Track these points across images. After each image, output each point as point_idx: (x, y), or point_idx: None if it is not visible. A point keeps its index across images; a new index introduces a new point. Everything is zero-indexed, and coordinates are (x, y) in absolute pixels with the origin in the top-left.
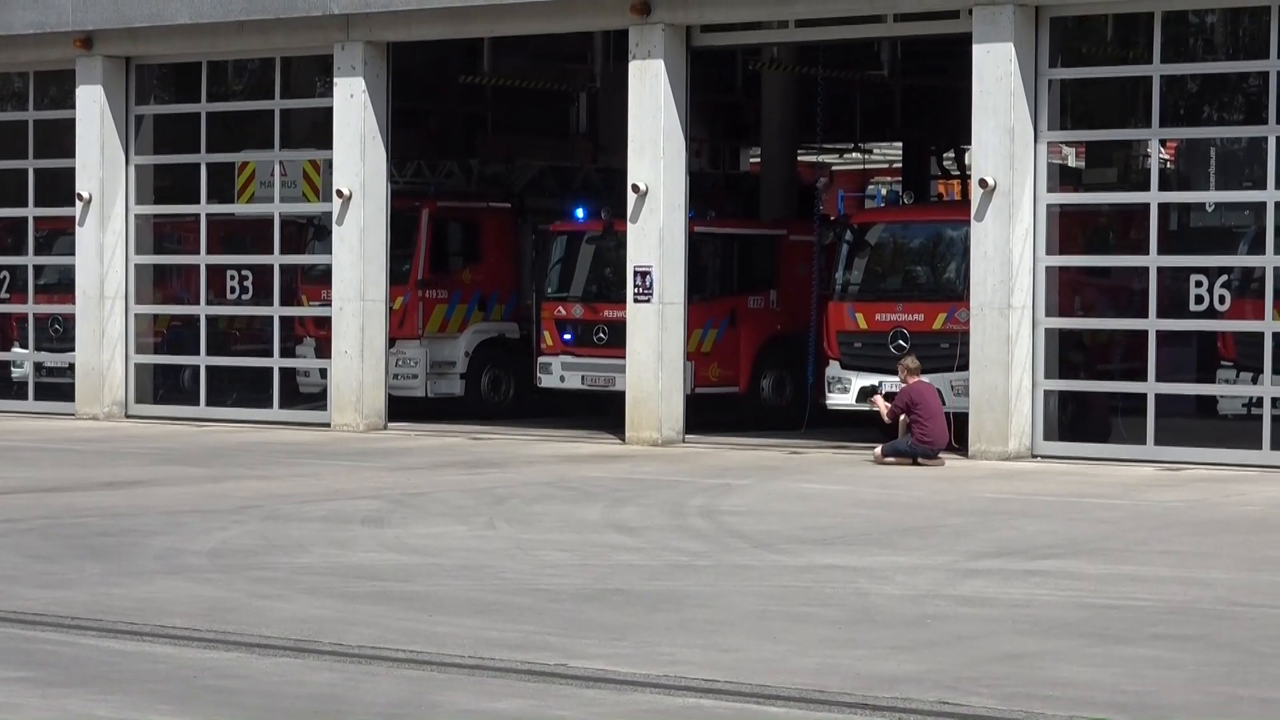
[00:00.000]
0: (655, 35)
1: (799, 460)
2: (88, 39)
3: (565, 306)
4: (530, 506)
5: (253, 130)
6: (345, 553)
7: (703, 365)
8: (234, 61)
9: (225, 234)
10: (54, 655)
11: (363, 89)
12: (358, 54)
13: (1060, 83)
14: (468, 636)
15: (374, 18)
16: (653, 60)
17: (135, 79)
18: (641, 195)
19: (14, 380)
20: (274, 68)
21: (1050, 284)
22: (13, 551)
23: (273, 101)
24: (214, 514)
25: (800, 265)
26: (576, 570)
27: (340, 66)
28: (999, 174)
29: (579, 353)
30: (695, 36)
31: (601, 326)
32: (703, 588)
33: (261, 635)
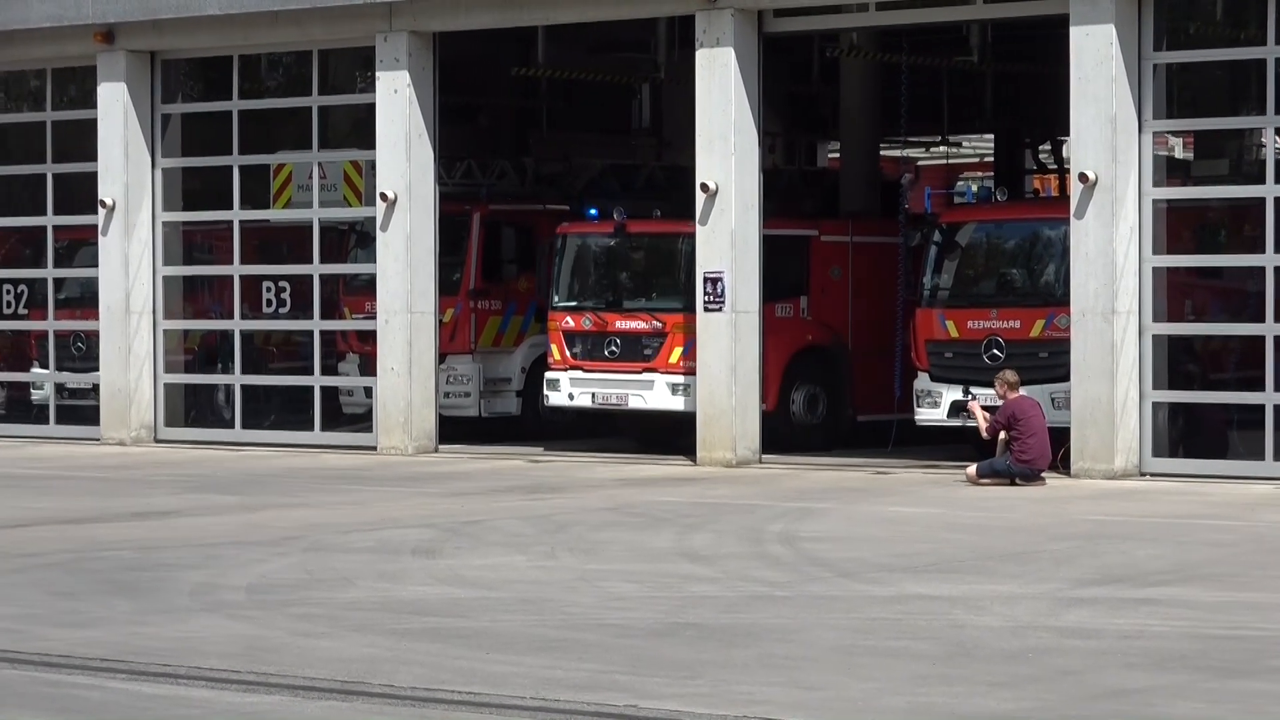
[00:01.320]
0: (724, 21)
1: (885, 481)
2: (109, 32)
3: (574, 317)
4: (594, 534)
5: (289, 130)
6: (395, 586)
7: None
8: (267, 55)
9: (260, 242)
10: (81, 700)
11: (407, 83)
12: (401, 45)
13: (1165, 67)
14: (529, 676)
15: (419, 5)
16: (722, 48)
17: (161, 75)
18: (711, 195)
19: (34, 403)
20: (311, 61)
21: (1158, 286)
22: (36, 588)
23: (310, 98)
24: (252, 546)
25: (834, 268)
26: (646, 603)
27: (383, 59)
28: (1100, 167)
29: (589, 367)
30: (768, 22)
31: (614, 339)
32: (783, 621)
33: (306, 677)
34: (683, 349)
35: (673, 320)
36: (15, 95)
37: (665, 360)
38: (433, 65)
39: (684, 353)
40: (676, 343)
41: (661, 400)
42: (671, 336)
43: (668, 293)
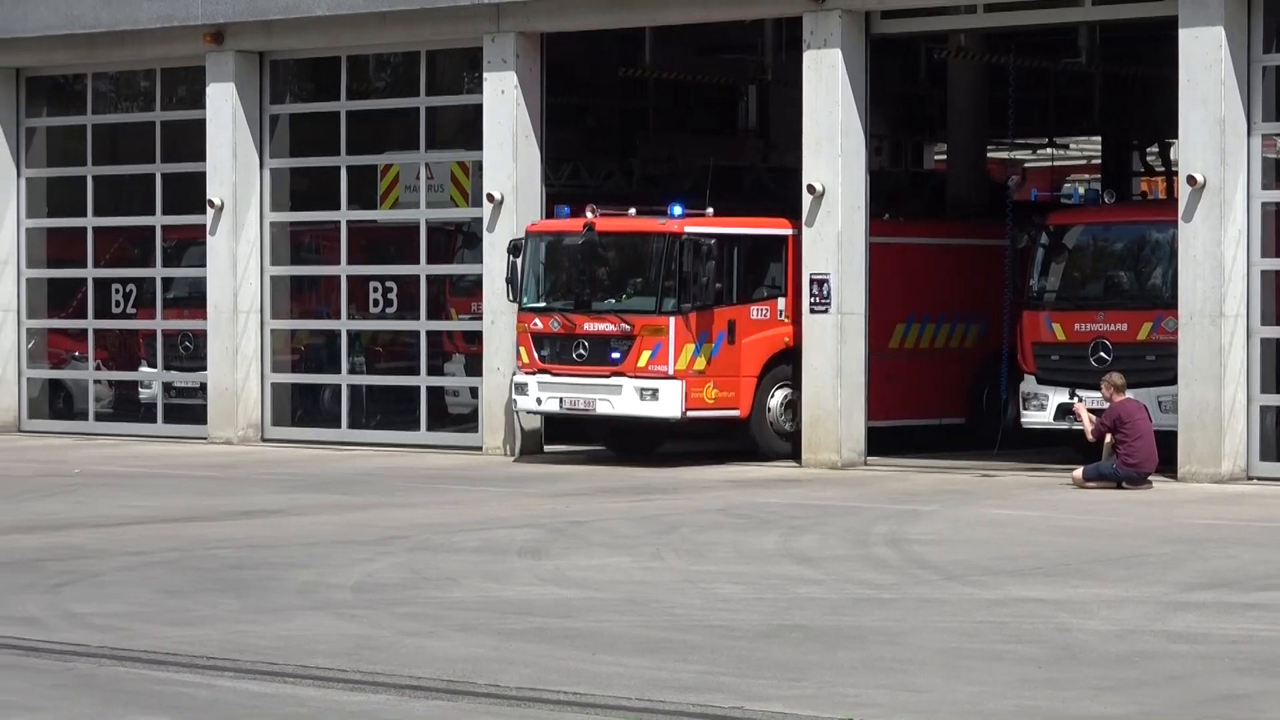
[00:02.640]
0: (832, 22)
1: (991, 484)
2: (219, 33)
3: (542, 318)
4: (700, 535)
5: (396, 130)
6: (500, 586)
7: (695, 385)
8: (375, 56)
9: (367, 242)
10: (189, 698)
11: (514, 84)
12: (509, 46)
13: (1275, 69)
14: (635, 677)
15: (527, 6)
16: (829, 49)
17: (270, 76)
18: (818, 196)
19: (142, 402)
20: (419, 62)
21: (1266, 289)
22: (143, 586)
23: (417, 99)
24: (358, 545)
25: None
26: (752, 605)
27: (490, 60)
28: (1208, 170)
29: (557, 371)
30: (875, 23)
31: (581, 341)
32: (889, 623)
33: (412, 676)
34: (651, 352)
35: (641, 322)
36: (125, 95)
37: (633, 364)
38: (540, 66)
39: (653, 356)
40: (645, 346)
41: (630, 406)
42: (640, 339)
43: (637, 294)
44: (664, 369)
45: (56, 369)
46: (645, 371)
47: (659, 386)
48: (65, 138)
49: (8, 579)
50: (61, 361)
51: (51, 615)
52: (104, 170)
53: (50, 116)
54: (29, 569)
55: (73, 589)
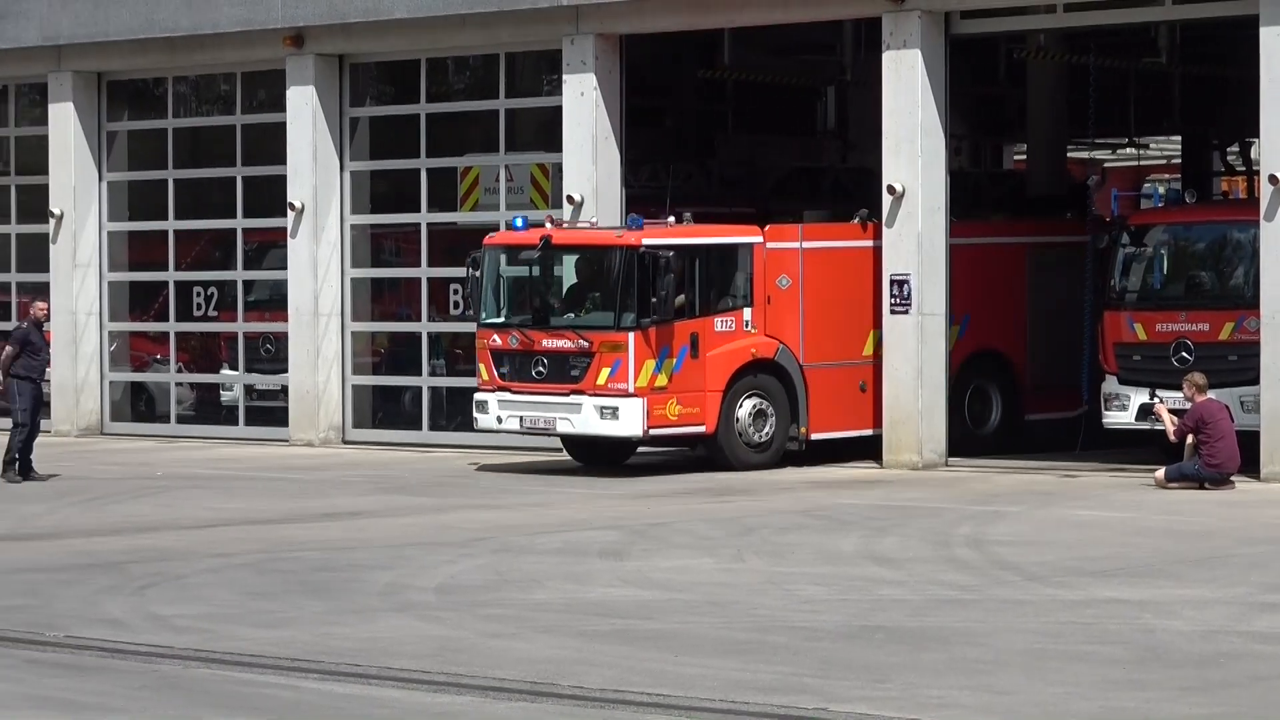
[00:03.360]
0: (911, 23)
1: (1073, 485)
2: (298, 36)
3: (501, 335)
4: (781, 537)
5: (475, 132)
6: (582, 588)
7: (657, 403)
8: (454, 58)
9: (448, 244)
10: (274, 699)
11: (594, 86)
12: (588, 48)
13: None
14: (718, 678)
15: (606, 8)
16: (908, 50)
17: (349, 79)
18: (898, 197)
19: (223, 404)
20: (498, 64)
21: None
22: (228, 588)
23: (497, 101)
24: (440, 547)
25: (782, 277)
26: (834, 606)
27: (569, 62)
28: None
29: (517, 389)
30: (954, 23)
31: (540, 358)
32: (972, 624)
33: (495, 678)
34: (610, 370)
35: (600, 339)
36: (205, 99)
37: (593, 382)
38: (620, 68)
39: (612, 374)
40: (604, 363)
41: (590, 424)
42: (599, 356)
43: (596, 309)
44: (624, 387)
45: (138, 372)
46: (605, 390)
47: (619, 405)
48: (146, 141)
49: (93, 581)
50: (143, 364)
51: (136, 617)
52: (185, 174)
53: (131, 120)
54: (114, 571)
55: (157, 591)
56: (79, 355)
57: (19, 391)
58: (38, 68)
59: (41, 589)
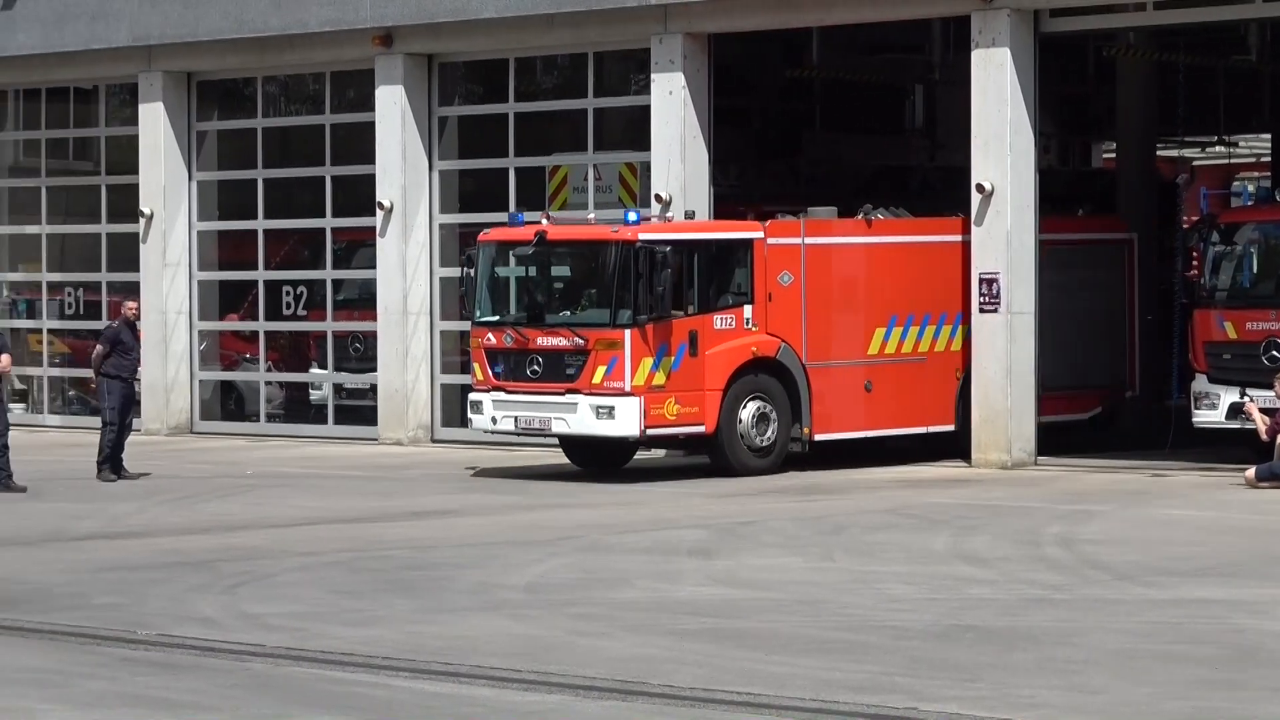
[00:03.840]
0: (1000, 21)
1: (1163, 484)
2: (387, 36)
3: (495, 333)
4: (870, 536)
5: (563, 132)
6: (671, 586)
7: (655, 401)
8: (542, 58)
9: None
10: (365, 698)
11: (682, 85)
12: (676, 47)
13: None
14: (808, 677)
15: (694, 7)
16: (997, 48)
17: (438, 78)
18: (987, 195)
19: (312, 403)
20: (586, 64)
21: None
22: (317, 587)
23: (585, 100)
24: (529, 545)
25: (784, 273)
26: (923, 605)
27: (658, 61)
28: None
29: (512, 388)
30: (1044, 21)
31: (535, 357)
32: (1062, 624)
33: (585, 676)
34: (607, 368)
35: (596, 336)
36: (294, 98)
37: (588, 381)
38: (708, 67)
39: (608, 372)
40: (600, 361)
41: (586, 424)
42: (595, 354)
43: (592, 306)
44: (620, 385)
45: (228, 371)
46: (601, 388)
47: (615, 404)
48: (235, 141)
49: (184, 580)
50: (233, 363)
51: (227, 616)
52: (274, 173)
53: (221, 120)
54: (205, 570)
55: (248, 589)
56: (169, 354)
57: (108, 390)
58: (128, 68)
59: (133, 587)
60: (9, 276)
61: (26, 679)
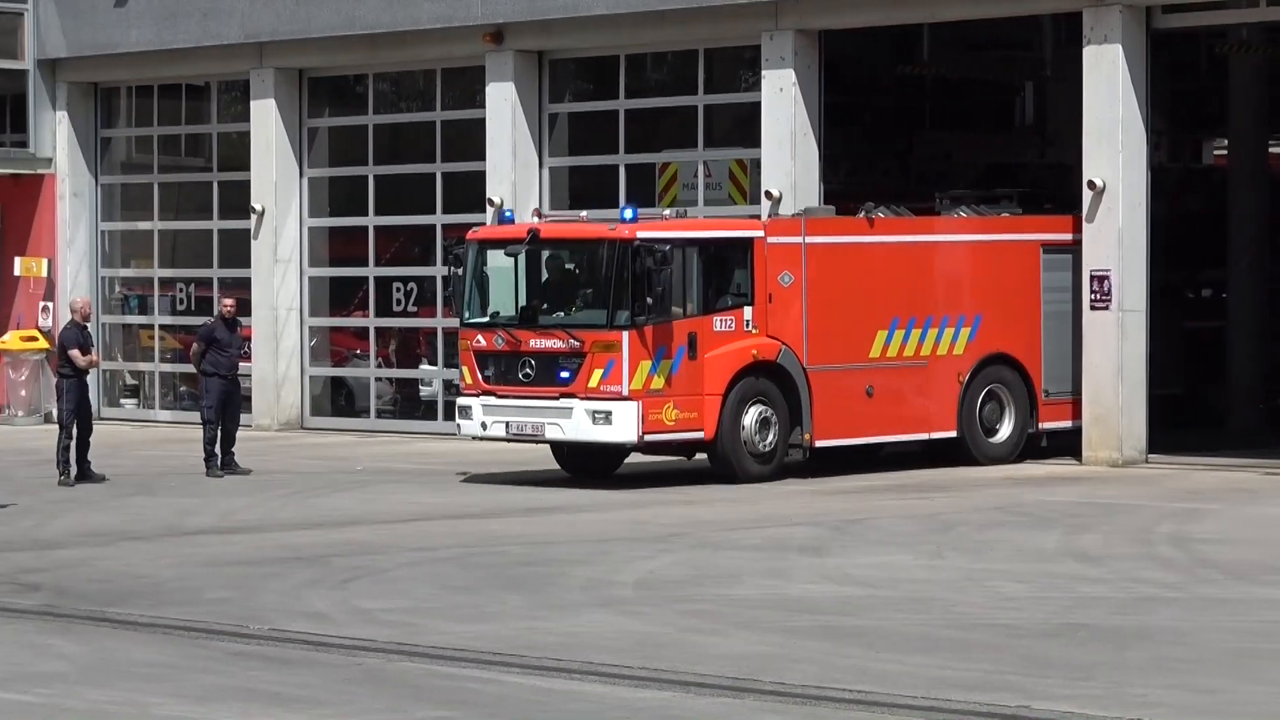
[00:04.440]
0: (1112, 18)
1: (1275, 482)
2: (498, 33)
3: (486, 335)
4: (980, 534)
5: (673, 128)
6: (782, 584)
7: (653, 406)
8: (652, 54)
9: None
10: (477, 694)
11: (793, 81)
12: (787, 44)
13: None
14: (920, 675)
15: (805, 4)
16: (1109, 45)
17: (549, 75)
18: (1098, 192)
19: (422, 399)
20: (696, 60)
21: None
22: (430, 583)
23: (695, 97)
24: (640, 542)
25: (784, 274)
26: (1035, 603)
27: (768, 58)
28: None
29: (503, 392)
30: (1156, 18)
31: (528, 359)
32: (1175, 622)
33: (696, 673)
34: (604, 371)
35: (592, 338)
36: (405, 95)
37: (584, 384)
38: (818, 64)
39: (605, 375)
40: (597, 364)
41: (581, 430)
42: (591, 357)
43: (588, 307)
44: (618, 389)
45: (338, 367)
46: (597, 392)
47: (613, 409)
48: (346, 137)
49: (296, 575)
50: (343, 359)
51: (339, 611)
52: (384, 170)
53: (332, 116)
54: (317, 565)
55: (359, 585)
56: (279, 350)
57: (206, 388)
58: (240, 65)
59: (245, 582)
60: (121, 272)
61: (139, 673)
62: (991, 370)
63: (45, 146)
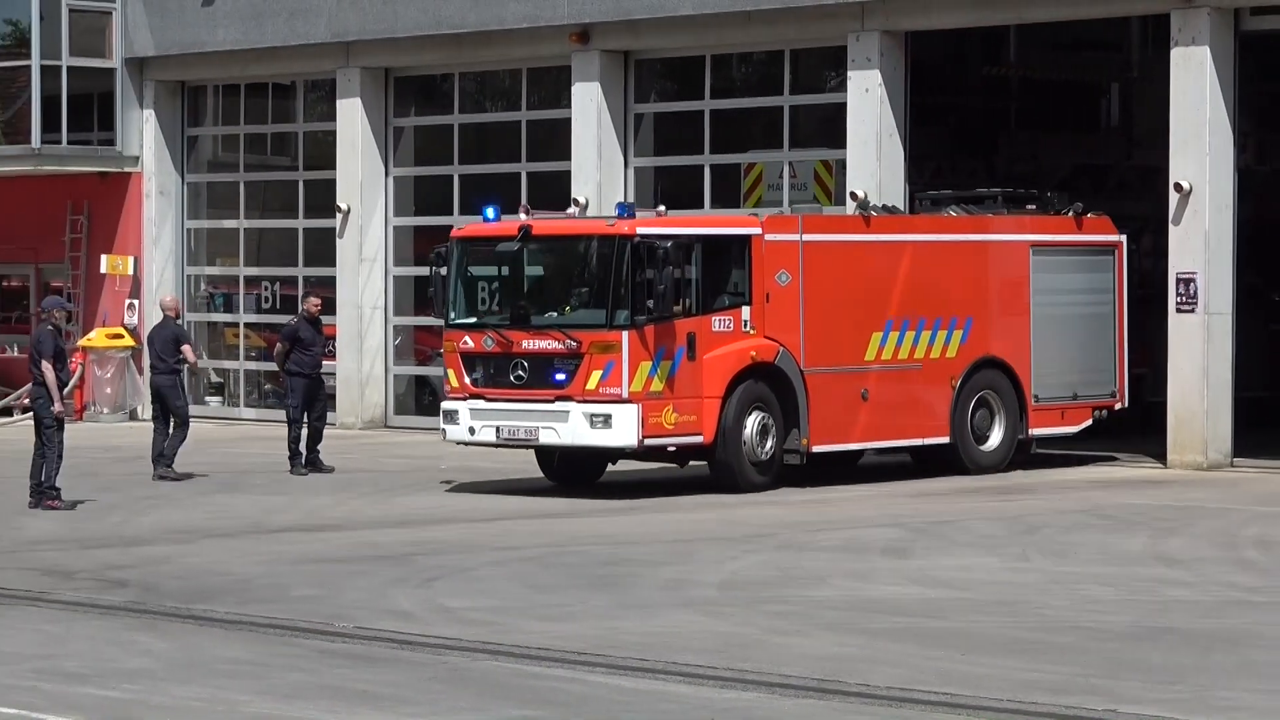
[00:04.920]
0: (1200, 20)
1: None
2: (584, 33)
3: (473, 336)
4: (1064, 536)
5: (758, 128)
6: (865, 585)
7: (652, 409)
8: (738, 54)
9: None
10: (561, 693)
11: (879, 82)
12: (873, 45)
13: None
14: (1005, 678)
15: (891, 5)
16: (1197, 47)
17: (634, 75)
18: (1185, 195)
19: None
20: (782, 61)
21: None
22: (514, 582)
23: (781, 98)
24: (723, 542)
25: (781, 273)
26: (1120, 607)
27: (854, 58)
28: None
29: (492, 395)
30: (1244, 20)
31: (520, 361)
32: (1262, 626)
33: (781, 674)
34: (603, 372)
35: (591, 339)
36: (490, 94)
37: (582, 386)
38: (905, 65)
39: (604, 377)
40: (596, 365)
41: (579, 434)
42: (589, 358)
43: (582, 306)
44: (618, 391)
45: (422, 366)
46: (596, 395)
47: (612, 412)
48: (431, 136)
49: (381, 573)
50: (427, 359)
51: (424, 609)
52: (469, 169)
53: (417, 116)
54: (401, 563)
55: (444, 584)
56: (364, 349)
57: (291, 388)
58: (326, 64)
59: (330, 580)
60: (206, 270)
61: (225, 670)
62: (983, 375)
63: (132, 145)
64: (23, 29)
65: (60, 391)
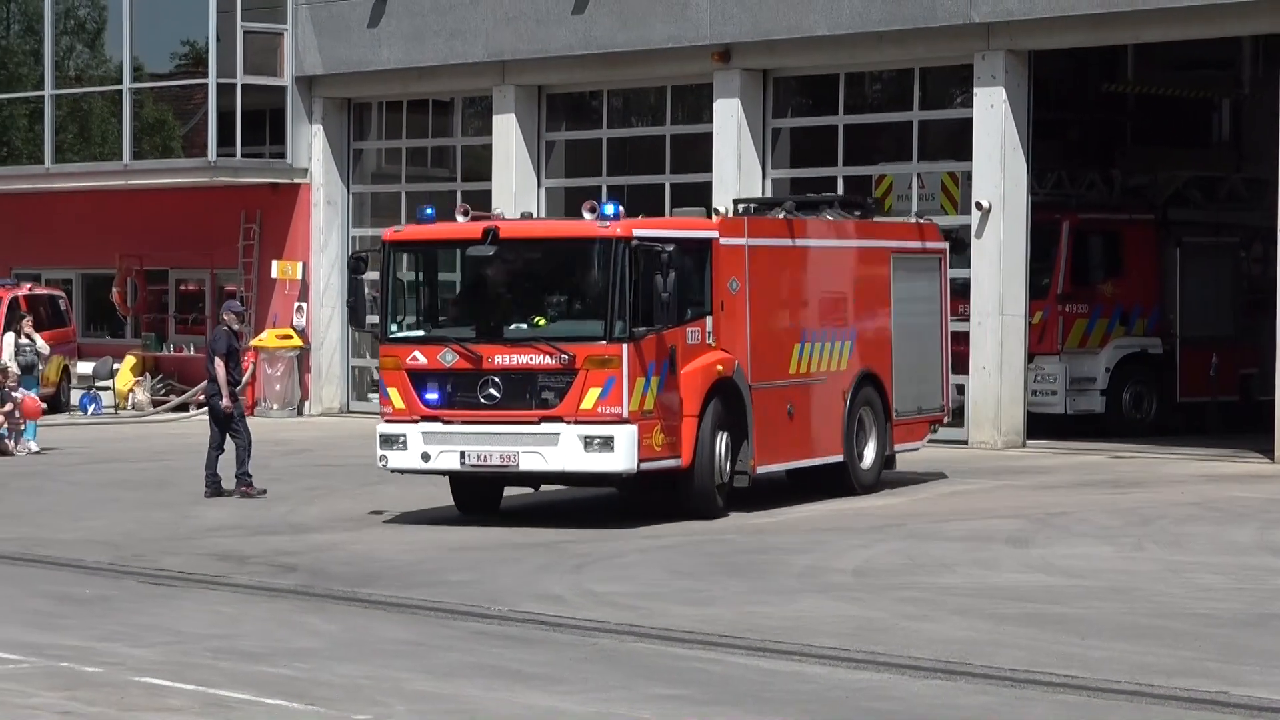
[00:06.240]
0: None
1: None
2: (726, 52)
3: (425, 351)
4: (1178, 527)
5: (888, 142)
6: (990, 573)
7: (645, 431)
8: (869, 72)
9: None
10: (704, 673)
11: (1003, 99)
12: (998, 63)
13: None
14: (1123, 661)
15: (1015, 26)
16: None
17: (772, 92)
18: None
19: None
20: (911, 78)
21: None
22: (659, 568)
23: (910, 113)
24: (855, 532)
25: (732, 280)
26: (1232, 594)
27: (980, 76)
28: None
29: (454, 417)
30: None
31: (491, 379)
32: None
33: (911, 656)
34: (602, 390)
35: (586, 353)
36: (636, 110)
37: (575, 406)
38: (1027, 82)
39: (603, 395)
40: (593, 382)
41: (570, 459)
42: (585, 374)
43: (569, 316)
44: (618, 410)
45: None
46: (593, 415)
47: (614, 433)
48: (580, 150)
49: (533, 560)
50: None
51: (574, 594)
52: (616, 180)
53: (568, 131)
54: (551, 550)
55: (593, 569)
56: None
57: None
58: (483, 82)
59: (484, 566)
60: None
61: (388, 649)
62: (865, 390)
63: (301, 157)
64: (200, 49)
65: (232, 389)
